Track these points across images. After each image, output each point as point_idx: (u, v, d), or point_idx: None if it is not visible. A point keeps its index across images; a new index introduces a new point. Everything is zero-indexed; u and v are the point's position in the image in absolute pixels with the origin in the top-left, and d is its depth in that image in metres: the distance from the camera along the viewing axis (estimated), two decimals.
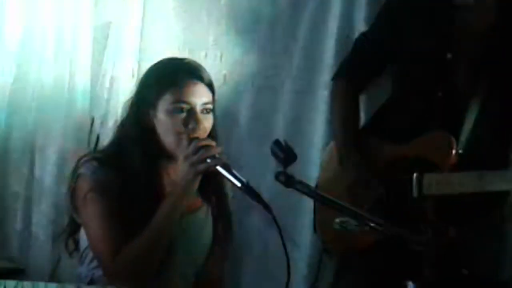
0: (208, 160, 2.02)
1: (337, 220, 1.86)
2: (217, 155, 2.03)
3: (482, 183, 2.35)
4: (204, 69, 2.20)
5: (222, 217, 2.25)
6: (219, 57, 3.26)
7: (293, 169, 1.91)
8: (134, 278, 1.81)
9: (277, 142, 1.93)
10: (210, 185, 2.19)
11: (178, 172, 2.10)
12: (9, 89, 3.19)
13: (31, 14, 3.25)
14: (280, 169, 1.91)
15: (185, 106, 2.11)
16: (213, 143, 2.06)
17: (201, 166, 2.02)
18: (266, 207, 1.92)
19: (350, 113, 2.69)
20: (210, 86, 2.18)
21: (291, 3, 3.24)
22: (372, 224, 1.84)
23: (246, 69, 3.28)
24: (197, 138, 2.06)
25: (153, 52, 3.23)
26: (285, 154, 1.90)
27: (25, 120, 3.24)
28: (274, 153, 1.92)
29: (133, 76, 3.25)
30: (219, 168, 2.01)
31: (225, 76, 3.21)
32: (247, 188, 1.96)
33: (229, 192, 2.26)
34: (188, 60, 2.24)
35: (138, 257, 2.04)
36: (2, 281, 1.53)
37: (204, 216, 2.22)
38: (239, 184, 1.97)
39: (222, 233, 2.25)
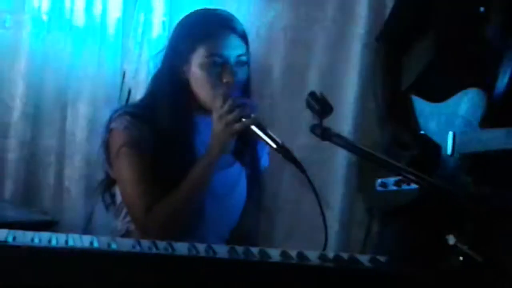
0: (243, 120, 2.00)
1: (378, 181, 1.85)
2: (252, 115, 2.00)
3: (510, 140, 2.32)
4: (237, 19, 2.16)
5: (255, 175, 2.24)
6: (252, 9, 3.22)
7: (326, 123, 1.88)
8: (166, 234, 1.81)
9: (312, 94, 1.89)
10: (243, 142, 2.17)
11: (209, 128, 2.08)
12: (41, 43, 3.18)
13: None
14: (316, 121, 1.87)
15: (219, 59, 2.08)
16: (248, 102, 2.03)
17: (236, 126, 1.99)
18: (301, 169, 1.90)
19: (392, 75, 2.69)
20: (243, 37, 2.14)
21: None
22: (412, 178, 1.80)
23: (278, 22, 3.24)
24: (231, 97, 2.03)
25: (184, 4, 3.19)
26: (321, 106, 1.87)
27: (57, 74, 3.23)
28: (309, 105, 1.89)
29: (164, 29, 3.23)
30: (254, 127, 1.98)
31: (257, 29, 3.17)
32: (282, 149, 1.93)
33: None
34: (220, 10, 2.20)
35: (171, 213, 2.04)
36: (37, 233, 1.53)
37: (237, 173, 2.21)
38: (274, 145, 1.94)
39: (255, 190, 2.23)
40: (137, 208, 2.08)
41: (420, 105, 2.59)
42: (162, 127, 2.09)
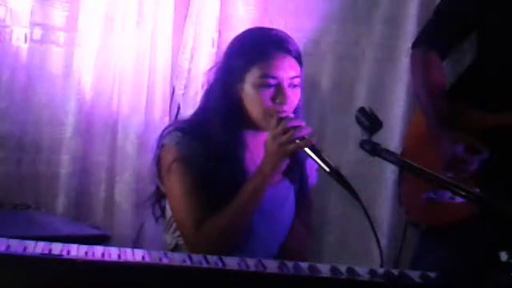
0: (297, 141, 2.00)
1: (430, 192, 1.83)
2: (306, 136, 2.01)
3: None
4: (293, 40, 2.17)
5: (304, 192, 2.24)
6: (299, 25, 3.23)
7: (375, 138, 1.89)
8: (216, 249, 1.82)
9: (362, 110, 1.90)
10: (292, 160, 2.18)
11: (258, 145, 2.10)
12: (93, 58, 3.22)
13: None
14: (365, 137, 1.88)
15: (273, 80, 2.10)
16: (303, 124, 2.04)
17: (290, 147, 2.01)
18: (355, 195, 1.90)
19: (436, 80, 2.64)
20: (298, 58, 2.16)
21: None
22: (467, 195, 1.78)
23: (326, 37, 3.25)
24: (286, 117, 2.04)
25: (234, 21, 3.21)
26: (371, 121, 1.88)
27: (108, 89, 3.28)
28: (359, 121, 1.90)
29: (213, 46, 3.25)
30: (307, 150, 2.00)
31: (305, 44, 3.18)
32: (335, 173, 1.93)
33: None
34: (276, 31, 2.21)
35: (221, 229, 2.05)
36: (90, 247, 1.56)
37: (286, 190, 2.22)
38: (327, 169, 1.95)
39: (304, 207, 2.24)
40: (187, 223, 2.10)
41: None
42: (213, 143, 2.12)
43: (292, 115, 2.08)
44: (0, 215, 2.94)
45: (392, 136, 3.13)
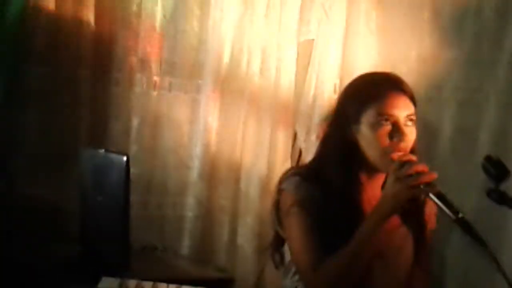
0: (422, 186, 2.00)
1: None
2: (432, 182, 2.00)
3: None
4: (405, 82, 2.18)
5: (422, 238, 2.22)
6: (422, 73, 3.22)
7: (501, 186, 1.86)
8: None
9: (488, 158, 1.88)
10: (411, 204, 2.17)
11: (374, 187, 2.11)
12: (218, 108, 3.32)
13: (239, 33, 3.37)
14: (491, 185, 1.85)
15: (389, 119, 2.11)
16: (427, 168, 2.02)
17: (415, 191, 2.00)
18: (483, 243, 1.86)
19: None
20: (412, 98, 2.16)
21: (497, 13, 3.14)
22: None
23: (449, 83, 3.22)
24: (410, 161, 2.04)
25: (355, 68, 3.24)
26: (498, 170, 1.85)
27: (233, 137, 3.36)
28: (485, 169, 1.88)
29: (335, 92, 3.29)
30: (432, 196, 1.98)
31: (426, 91, 3.17)
32: (461, 221, 1.91)
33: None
34: (389, 73, 2.23)
35: (340, 271, 2.06)
36: None
37: (403, 235, 2.21)
38: (453, 217, 1.92)
39: (422, 254, 2.22)
40: (306, 266, 2.12)
41: None
42: (330, 187, 2.14)
43: (414, 158, 2.07)
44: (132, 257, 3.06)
45: None
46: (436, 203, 1.96)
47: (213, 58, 3.31)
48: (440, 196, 1.95)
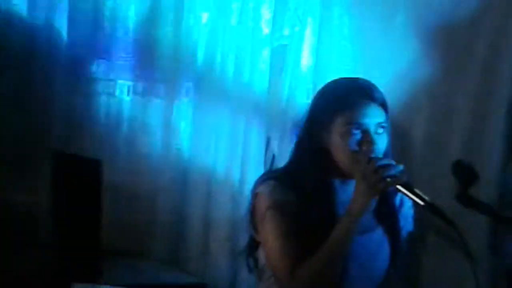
0: (388, 179, 2.02)
1: None
2: (397, 174, 2.02)
3: None
4: (377, 88, 2.20)
5: (397, 241, 2.24)
6: (395, 78, 3.23)
7: (471, 190, 1.88)
8: None
9: (458, 162, 1.91)
10: (385, 205, 2.19)
11: (347, 193, 2.12)
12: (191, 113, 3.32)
13: (213, 38, 3.37)
14: (460, 189, 1.88)
15: (358, 127, 2.12)
16: (393, 162, 2.05)
17: (380, 185, 2.02)
18: (452, 224, 1.89)
19: None
20: (383, 105, 2.18)
21: (470, 20, 3.16)
22: None
23: (422, 88, 3.23)
24: (375, 157, 2.07)
25: (328, 73, 3.25)
26: (467, 174, 1.88)
27: (205, 142, 3.35)
28: (455, 173, 1.90)
29: (308, 96, 3.30)
30: (399, 187, 2.00)
31: (398, 97, 3.18)
32: (430, 206, 1.94)
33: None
34: (360, 80, 2.25)
35: (315, 273, 2.08)
36: None
37: (379, 239, 2.22)
38: (421, 203, 1.95)
39: (398, 257, 2.23)
40: (282, 270, 2.13)
41: None
42: (303, 191, 2.15)
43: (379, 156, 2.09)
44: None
45: (488, 188, 3.07)
46: (404, 193, 2.00)
47: (186, 63, 3.31)
48: (407, 186, 1.98)
